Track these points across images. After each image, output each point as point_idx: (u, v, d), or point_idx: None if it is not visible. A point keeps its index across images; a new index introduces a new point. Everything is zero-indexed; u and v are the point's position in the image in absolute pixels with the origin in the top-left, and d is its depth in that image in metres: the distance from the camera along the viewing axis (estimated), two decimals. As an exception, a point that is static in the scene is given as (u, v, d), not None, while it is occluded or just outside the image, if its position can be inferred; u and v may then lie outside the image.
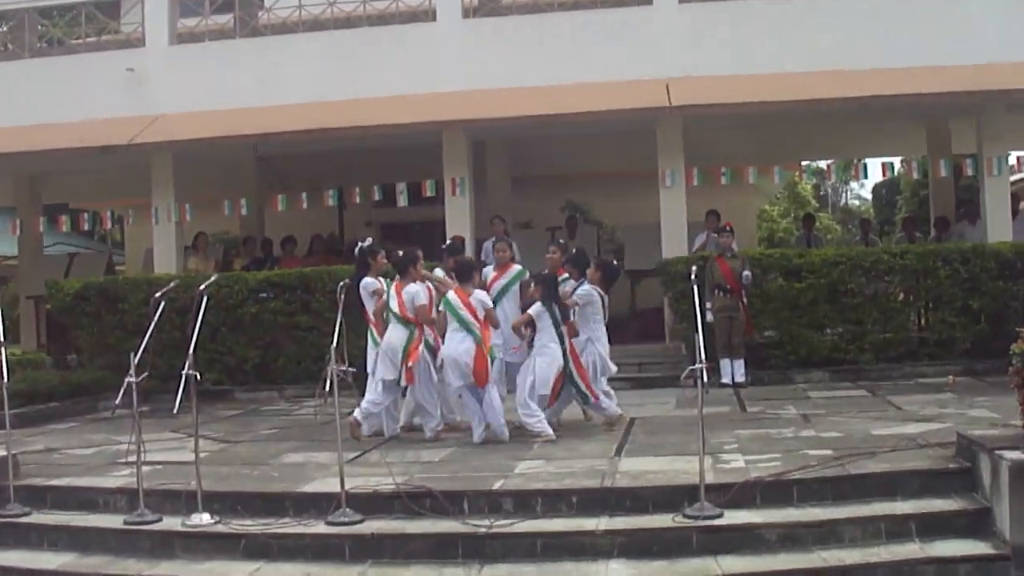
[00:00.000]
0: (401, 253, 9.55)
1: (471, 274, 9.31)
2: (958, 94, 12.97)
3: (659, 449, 8.31)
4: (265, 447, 9.40)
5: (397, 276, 9.43)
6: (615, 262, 10.15)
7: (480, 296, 9.10)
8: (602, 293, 9.44)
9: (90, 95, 15.23)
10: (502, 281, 10.08)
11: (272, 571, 6.53)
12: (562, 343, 9.07)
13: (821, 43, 13.86)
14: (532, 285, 9.51)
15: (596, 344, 9.37)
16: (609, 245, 19.78)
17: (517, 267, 10.25)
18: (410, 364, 9.09)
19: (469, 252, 13.24)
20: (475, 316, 8.97)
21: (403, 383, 9.26)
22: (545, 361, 9.08)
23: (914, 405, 10.10)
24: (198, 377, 7.16)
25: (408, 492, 7.08)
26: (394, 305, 9.21)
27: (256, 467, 8.34)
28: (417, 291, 9.21)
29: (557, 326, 9.10)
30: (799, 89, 13.27)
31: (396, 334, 9.18)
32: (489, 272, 10.19)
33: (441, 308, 9.22)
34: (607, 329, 9.57)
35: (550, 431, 9.07)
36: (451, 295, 9.08)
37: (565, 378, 9.19)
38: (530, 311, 9.16)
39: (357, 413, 9.21)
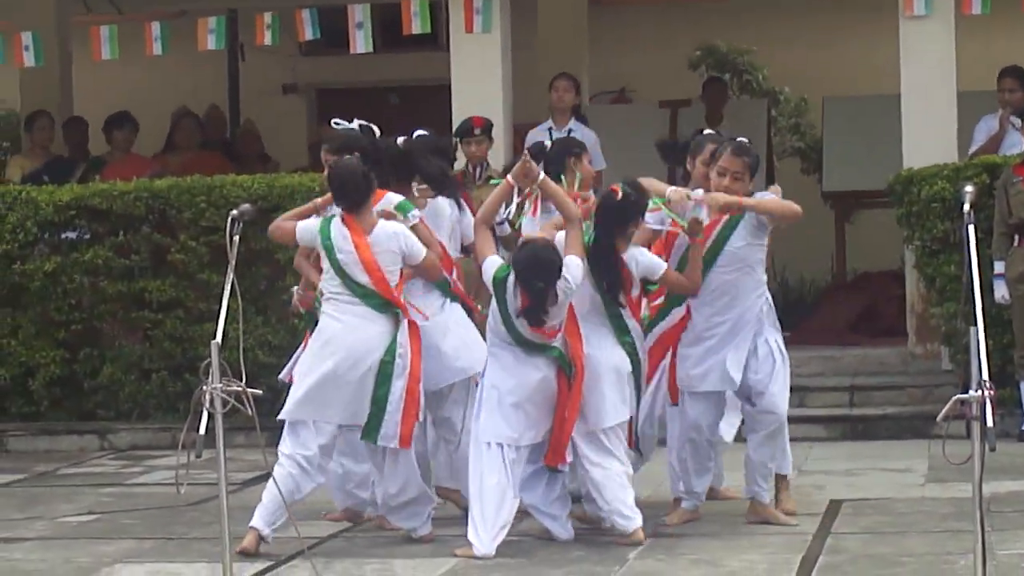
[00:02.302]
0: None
1: None
2: None
3: (890, 565, 8.36)
4: (69, 552, 9.48)
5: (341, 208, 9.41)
6: None
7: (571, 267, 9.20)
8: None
9: None
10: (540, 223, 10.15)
11: None
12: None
13: None
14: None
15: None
16: (792, 139, 19.71)
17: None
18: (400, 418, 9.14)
19: (501, 151, 13.30)
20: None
21: (383, 441, 9.25)
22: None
23: None
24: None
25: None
26: (356, 271, 9.21)
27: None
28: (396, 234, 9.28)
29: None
30: None
31: (367, 330, 9.22)
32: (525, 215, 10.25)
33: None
34: None
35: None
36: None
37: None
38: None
39: (258, 519, 9.15)
